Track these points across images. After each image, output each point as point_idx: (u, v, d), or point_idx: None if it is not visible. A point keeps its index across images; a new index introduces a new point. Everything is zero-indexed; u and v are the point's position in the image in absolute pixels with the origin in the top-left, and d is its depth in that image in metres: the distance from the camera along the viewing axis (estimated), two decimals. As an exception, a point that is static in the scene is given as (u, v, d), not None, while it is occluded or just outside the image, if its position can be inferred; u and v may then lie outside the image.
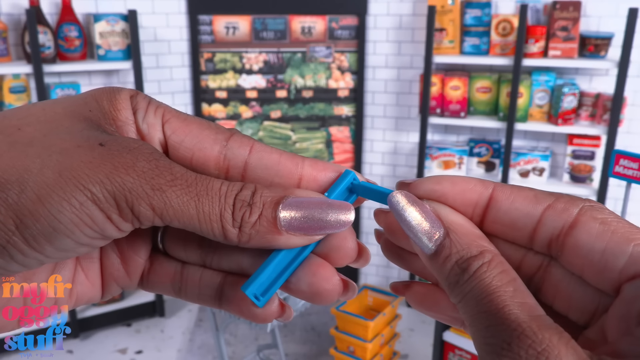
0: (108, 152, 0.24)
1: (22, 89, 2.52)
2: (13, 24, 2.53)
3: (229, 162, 0.28)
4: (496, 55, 2.65)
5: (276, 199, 0.26)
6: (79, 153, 0.24)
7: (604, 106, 2.54)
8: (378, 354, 2.34)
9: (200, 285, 0.29)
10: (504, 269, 0.23)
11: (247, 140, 0.28)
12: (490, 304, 0.22)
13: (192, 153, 0.28)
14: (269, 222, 0.25)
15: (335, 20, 3.01)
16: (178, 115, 0.29)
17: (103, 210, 0.24)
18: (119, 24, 2.62)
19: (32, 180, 0.23)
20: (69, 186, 0.23)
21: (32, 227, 0.23)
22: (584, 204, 0.24)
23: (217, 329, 2.15)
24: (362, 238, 3.27)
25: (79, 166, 0.24)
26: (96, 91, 0.28)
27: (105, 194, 0.24)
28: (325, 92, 3.12)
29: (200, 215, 0.25)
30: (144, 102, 0.29)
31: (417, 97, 2.97)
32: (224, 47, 3.03)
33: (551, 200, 0.25)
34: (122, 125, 0.28)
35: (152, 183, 0.24)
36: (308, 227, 0.26)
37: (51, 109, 0.26)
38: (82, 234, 0.24)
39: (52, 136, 0.25)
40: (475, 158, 2.87)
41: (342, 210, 0.26)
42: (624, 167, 1.08)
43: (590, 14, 2.61)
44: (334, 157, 3.22)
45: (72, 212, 0.23)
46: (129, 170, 0.24)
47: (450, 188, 0.26)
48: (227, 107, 3.13)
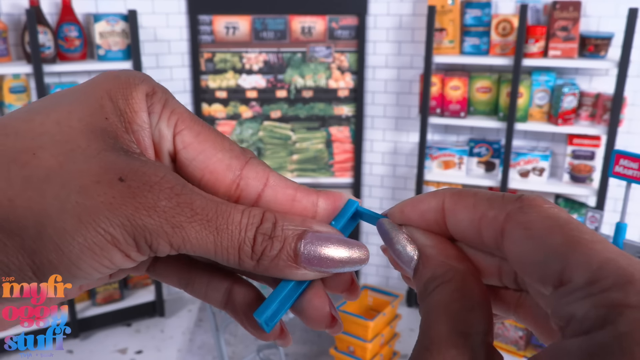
0: (129, 189, 0.23)
1: (22, 89, 2.52)
2: (13, 24, 2.53)
3: (241, 192, 0.28)
4: (496, 55, 2.65)
5: (297, 233, 0.26)
6: (98, 192, 0.23)
7: (604, 106, 2.54)
8: (378, 354, 2.34)
9: (208, 287, 0.29)
10: (457, 287, 0.23)
11: (262, 170, 0.28)
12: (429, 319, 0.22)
13: (203, 174, 0.27)
14: (289, 257, 0.25)
15: (335, 20, 3.01)
16: (192, 127, 0.28)
17: (122, 250, 0.24)
18: (119, 24, 2.62)
19: (50, 227, 0.22)
20: (90, 232, 0.23)
21: (50, 274, 0.23)
22: (511, 207, 0.23)
23: (217, 329, 2.15)
24: (362, 238, 3.27)
25: (99, 208, 0.23)
26: (114, 85, 0.27)
27: (125, 236, 0.23)
28: (325, 92, 3.12)
29: (217, 248, 0.25)
30: (159, 104, 0.28)
31: (417, 97, 2.97)
32: (224, 47, 3.03)
33: (485, 208, 0.23)
34: (139, 130, 0.27)
35: (173, 222, 0.24)
36: (326, 264, 0.26)
37: (67, 122, 0.25)
38: (98, 274, 0.24)
39: (70, 166, 0.23)
40: (475, 158, 2.87)
41: (359, 250, 0.27)
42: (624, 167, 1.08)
43: (590, 14, 2.61)
44: (333, 157, 3.22)
45: (92, 258, 0.23)
46: (150, 211, 0.24)
47: (412, 213, 0.27)
48: (227, 107, 3.13)
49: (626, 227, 1.15)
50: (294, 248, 0.25)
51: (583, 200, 2.77)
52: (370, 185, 3.23)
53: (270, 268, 0.26)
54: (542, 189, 2.75)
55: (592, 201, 2.72)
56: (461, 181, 2.85)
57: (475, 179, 2.83)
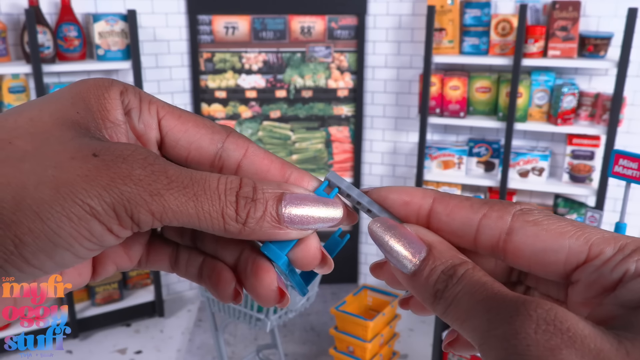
0: (103, 162, 0.24)
1: (21, 89, 2.51)
2: (12, 23, 2.53)
3: (223, 162, 0.29)
4: (495, 55, 2.65)
5: (277, 195, 0.27)
6: (74, 166, 0.24)
7: (604, 106, 2.54)
8: (377, 354, 2.34)
9: (187, 264, 0.31)
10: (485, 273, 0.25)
11: (242, 141, 0.30)
12: (485, 291, 0.23)
13: (188, 152, 0.29)
14: (273, 218, 0.27)
15: (334, 20, 3.01)
16: (172, 111, 0.29)
17: (103, 222, 0.24)
18: (118, 23, 2.62)
19: (29, 198, 0.23)
20: (67, 202, 0.23)
21: (32, 245, 0.23)
22: (515, 210, 0.26)
23: (217, 329, 2.15)
24: (362, 238, 3.28)
25: (75, 180, 0.23)
26: (84, 87, 0.28)
27: (104, 206, 0.24)
28: (324, 92, 3.12)
29: (200, 214, 0.25)
30: (135, 99, 0.29)
31: (416, 97, 2.97)
32: (224, 47, 3.03)
33: (486, 209, 0.26)
34: (113, 127, 0.28)
35: (150, 189, 0.24)
36: (305, 222, 0.27)
37: (39, 118, 0.26)
38: (81, 247, 0.24)
39: (45, 148, 0.24)
40: (474, 158, 2.87)
41: (333, 206, 0.29)
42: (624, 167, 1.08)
43: (589, 14, 2.62)
44: (333, 157, 3.22)
45: (71, 227, 0.23)
46: (125, 179, 0.24)
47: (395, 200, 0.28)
48: (226, 107, 3.13)
49: (626, 227, 1.16)
50: (276, 209, 0.27)
51: (582, 200, 2.78)
52: (370, 186, 3.23)
53: (256, 230, 0.26)
54: (542, 188, 2.75)
55: (591, 201, 2.72)
56: (461, 181, 2.85)
57: (475, 178, 2.83)
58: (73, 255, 0.24)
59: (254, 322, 1.99)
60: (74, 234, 0.23)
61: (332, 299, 3.12)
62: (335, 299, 3.11)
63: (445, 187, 2.90)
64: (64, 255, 0.24)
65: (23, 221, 0.23)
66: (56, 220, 0.23)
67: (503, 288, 0.23)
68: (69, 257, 0.24)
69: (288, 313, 2.07)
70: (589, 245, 0.23)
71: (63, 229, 0.23)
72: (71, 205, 0.23)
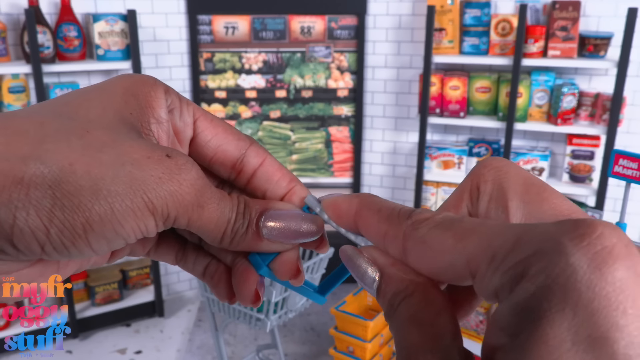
0: (175, 165, 0.27)
1: (21, 89, 2.51)
2: (12, 23, 2.53)
3: (243, 167, 0.33)
4: (495, 55, 2.65)
5: (260, 211, 0.30)
6: (150, 166, 0.26)
7: (604, 106, 2.54)
8: (377, 354, 2.34)
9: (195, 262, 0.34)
10: (421, 297, 0.24)
11: (262, 152, 0.33)
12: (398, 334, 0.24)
13: (215, 153, 0.32)
14: (253, 231, 0.30)
15: (334, 20, 3.01)
16: (205, 114, 0.33)
17: (156, 219, 0.27)
18: (118, 23, 2.62)
19: (105, 189, 0.25)
20: (137, 197, 0.26)
21: (98, 232, 0.25)
22: (406, 225, 0.25)
23: (217, 329, 2.15)
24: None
25: (148, 179, 0.26)
26: (132, 82, 0.30)
27: (164, 207, 0.26)
28: (324, 92, 3.12)
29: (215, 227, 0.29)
30: (176, 99, 0.32)
31: (416, 97, 2.97)
32: (224, 47, 3.03)
33: (386, 226, 0.26)
34: (156, 124, 0.30)
35: (200, 200, 0.28)
36: (285, 236, 0.30)
37: (104, 114, 0.28)
38: (134, 237, 0.27)
39: (120, 144, 0.26)
40: (474, 158, 2.87)
41: (312, 223, 0.31)
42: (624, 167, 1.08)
43: (589, 14, 2.62)
44: (333, 157, 3.22)
45: (134, 221, 0.26)
46: (190, 188, 0.27)
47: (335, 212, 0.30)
48: (226, 107, 3.13)
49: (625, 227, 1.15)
50: (256, 223, 0.30)
51: (582, 200, 2.78)
52: (370, 185, 3.23)
53: (240, 242, 0.30)
54: (542, 188, 2.75)
55: (591, 201, 2.72)
56: (461, 181, 2.85)
57: (475, 178, 2.83)
58: (124, 243, 0.27)
59: (254, 322, 1.99)
60: (134, 226, 0.26)
61: (332, 299, 3.12)
62: (335, 299, 3.10)
63: (445, 187, 2.90)
64: (119, 243, 0.26)
65: (96, 209, 0.25)
66: (124, 213, 0.25)
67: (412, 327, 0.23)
68: (122, 244, 0.27)
69: (288, 313, 2.07)
70: (468, 262, 0.22)
71: (128, 222, 0.26)
72: (139, 202, 0.26)
